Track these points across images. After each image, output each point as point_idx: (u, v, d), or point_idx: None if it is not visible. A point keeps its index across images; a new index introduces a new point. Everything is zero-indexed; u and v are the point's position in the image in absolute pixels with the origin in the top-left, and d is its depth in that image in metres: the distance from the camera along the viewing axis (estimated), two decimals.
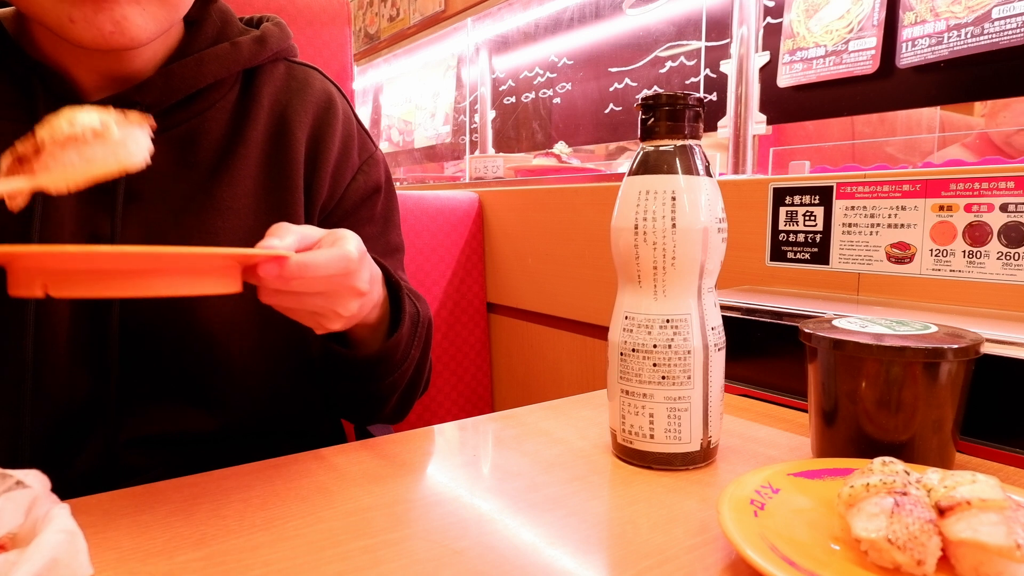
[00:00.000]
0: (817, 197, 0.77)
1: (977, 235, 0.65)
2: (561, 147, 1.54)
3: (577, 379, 1.19)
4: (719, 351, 0.47)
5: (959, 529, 0.30)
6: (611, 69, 1.35)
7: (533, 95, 1.58)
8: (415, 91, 2.08)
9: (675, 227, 0.45)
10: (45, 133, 0.37)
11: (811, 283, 0.78)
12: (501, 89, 1.68)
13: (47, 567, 0.27)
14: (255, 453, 0.60)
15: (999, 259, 0.64)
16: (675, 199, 0.45)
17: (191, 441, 0.57)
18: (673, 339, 0.46)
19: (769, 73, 1.00)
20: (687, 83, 1.17)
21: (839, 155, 1.17)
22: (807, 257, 0.78)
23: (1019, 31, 0.73)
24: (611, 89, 1.35)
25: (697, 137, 0.47)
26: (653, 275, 0.46)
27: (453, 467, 0.49)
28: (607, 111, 1.37)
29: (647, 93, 0.47)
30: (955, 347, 0.42)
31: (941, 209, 0.67)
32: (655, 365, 0.46)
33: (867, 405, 0.44)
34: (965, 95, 0.82)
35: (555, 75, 1.50)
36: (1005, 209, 0.63)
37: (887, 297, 0.72)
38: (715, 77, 1.11)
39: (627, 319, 0.47)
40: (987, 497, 0.31)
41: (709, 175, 0.47)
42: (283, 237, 0.41)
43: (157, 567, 0.35)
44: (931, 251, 0.68)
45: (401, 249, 0.71)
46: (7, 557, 0.27)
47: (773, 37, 1.00)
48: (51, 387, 0.52)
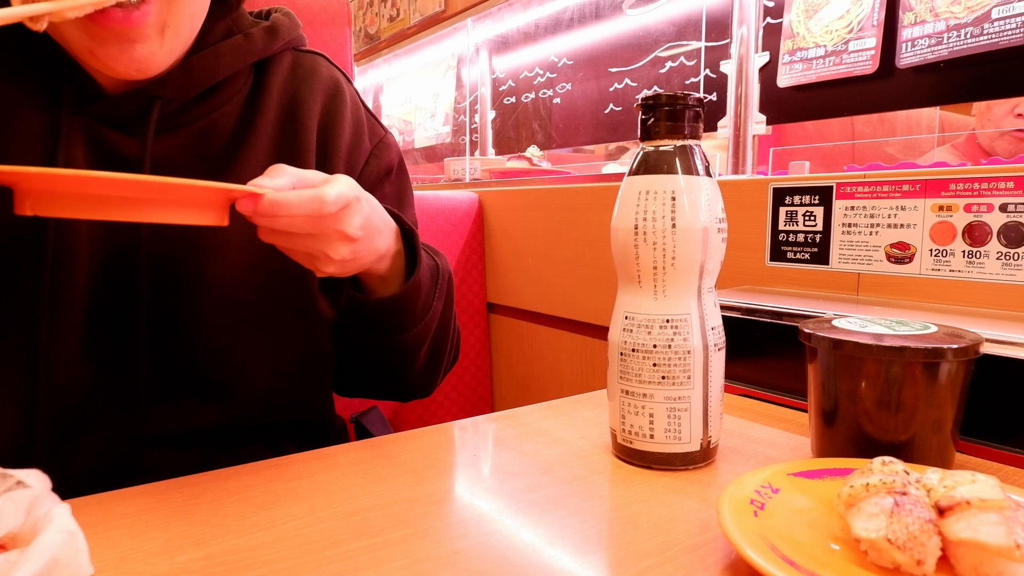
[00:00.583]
0: (817, 197, 0.77)
1: (977, 235, 0.65)
2: (533, 151, 1.61)
3: (577, 379, 1.19)
4: (719, 351, 0.47)
5: (959, 529, 0.30)
6: (611, 69, 1.35)
7: (533, 95, 1.58)
8: (415, 91, 2.08)
9: (675, 227, 0.45)
10: None
11: (811, 283, 0.78)
12: (501, 89, 1.68)
13: (47, 567, 0.27)
14: (257, 448, 0.61)
15: (999, 259, 0.64)
16: (675, 199, 0.45)
17: (194, 435, 0.57)
18: (673, 339, 0.46)
19: (769, 73, 1.00)
20: (687, 83, 1.17)
21: (839, 155, 1.17)
22: (807, 257, 0.78)
23: (1019, 31, 0.73)
24: (611, 89, 1.35)
25: (697, 137, 0.47)
26: (653, 275, 0.46)
27: (453, 467, 0.49)
28: (607, 111, 1.37)
29: (647, 93, 0.47)
30: (955, 347, 0.42)
31: (941, 209, 0.67)
32: (655, 365, 0.46)
33: (867, 405, 0.44)
34: (965, 95, 0.82)
35: (555, 75, 1.50)
36: (1005, 209, 0.63)
37: (887, 297, 0.72)
38: (715, 77, 1.11)
39: (627, 319, 0.47)
40: (987, 497, 0.31)
41: (709, 175, 0.47)
42: (275, 177, 0.45)
43: (157, 567, 0.35)
44: (931, 251, 0.68)
45: (416, 226, 0.73)
46: (7, 557, 0.27)
47: (773, 37, 1.00)
48: (63, 379, 0.52)
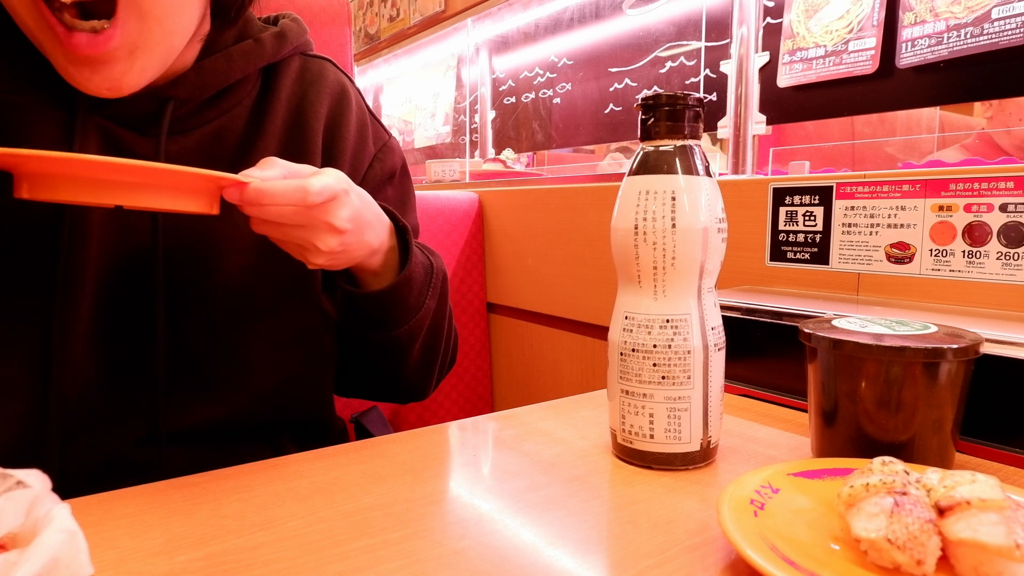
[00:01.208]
0: (817, 197, 0.77)
1: (977, 235, 0.65)
2: (507, 153, 1.66)
3: (577, 379, 1.19)
4: (719, 351, 0.47)
5: (959, 529, 0.30)
6: (611, 69, 1.35)
7: (533, 95, 1.58)
8: (415, 91, 2.08)
9: (675, 227, 0.45)
10: None
11: (811, 283, 0.78)
12: (501, 89, 1.68)
13: (47, 567, 0.27)
14: (258, 448, 0.61)
15: (999, 259, 0.64)
16: (675, 199, 0.45)
17: (199, 432, 0.58)
18: (673, 339, 0.46)
19: (769, 73, 1.00)
20: (687, 83, 1.17)
21: (839, 155, 1.17)
22: (807, 257, 0.78)
23: (1019, 31, 0.73)
24: (611, 89, 1.35)
25: (697, 137, 0.47)
26: (653, 275, 0.46)
27: (453, 467, 0.49)
28: (607, 111, 1.37)
29: (647, 93, 0.47)
30: (955, 347, 0.42)
31: (941, 209, 0.67)
32: (655, 365, 0.46)
33: (867, 405, 0.44)
34: (965, 95, 0.82)
35: (555, 75, 1.50)
36: (1005, 209, 0.63)
37: (887, 297, 0.72)
38: (715, 77, 1.11)
39: (627, 319, 0.47)
40: (987, 497, 0.31)
41: (709, 175, 0.47)
42: (265, 168, 0.46)
43: (157, 567, 0.35)
44: (931, 251, 0.68)
45: (417, 230, 0.73)
46: (7, 557, 0.27)
47: (773, 37, 1.00)
48: (74, 376, 0.53)
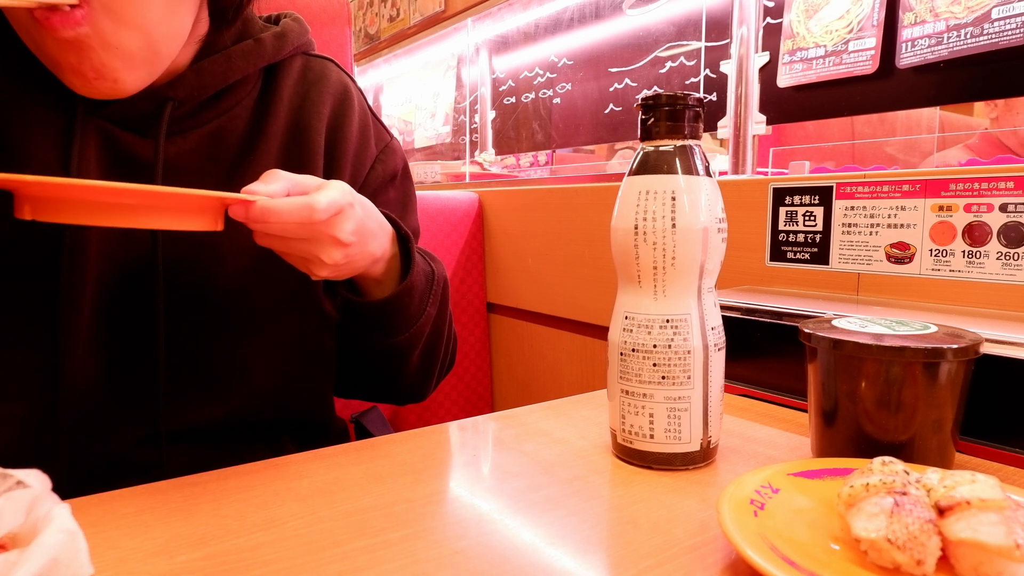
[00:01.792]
0: (817, 197, 0.77)
1: (977, 235, 0.65)
2: (485, 156, 1.69)
3: (577, 379, 1.19)
4: (719, 351, 0.47)
5: (959, 529, 0.30)
6: (611, 69, 1.35)
7: (533, 95, 1.58)
8: (415, 91, 2.08)
9: (675, 227, 0.45)
10: None
11: (811, 283, 0.78)
12: (501, 89, 1.68)
13: (47, 567, 0.27)
14: (258, 448, 0.61)
15: (999, 259, 0.64)
16: (675, 199, 0.45)
17: (200, 432, 0.58)
18: (673, 339, 0.46)
19: (769, 73, 1.00)
20: (687, 83, 1.17)
21: (839, 155, 1.17)
22: (807, 257, 0.78)
23: (1019, 31, 0.73)
24: (611, 89, 1.35)
25: (697, 137, 0.47)
26: (653, 275, 0.46)
27: (453, 467, 0.49)
28: (607, 111, 1.37)
29: (647, 93, 0.47)
30: (955, 347, 0.42)
31: (941, 209, 0.67)
32: (655, 365, 0.46)
33: (867, 405, 0.44)
34: (965, 95, 0.82)
35: (555, 75, 1.50)
36: (1005, 209, 0.63)
37: (887, 297, 0.72)
38: (715, 77, 1.11)
39: (627, 319, 0.47)
40: (987, 497, 0.31)
41: (709, 175, 0.47)
42: (269, 183, 0.46)
43: (157, 567, 0.35)
44: (931, 251, 0.68)
45: (417, 233, 0.73)
46: (7, 557, 0.27)
47: (773, 37, 1.00)
48: (78, 376, 0.53)
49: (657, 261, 0.46)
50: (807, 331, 0.47)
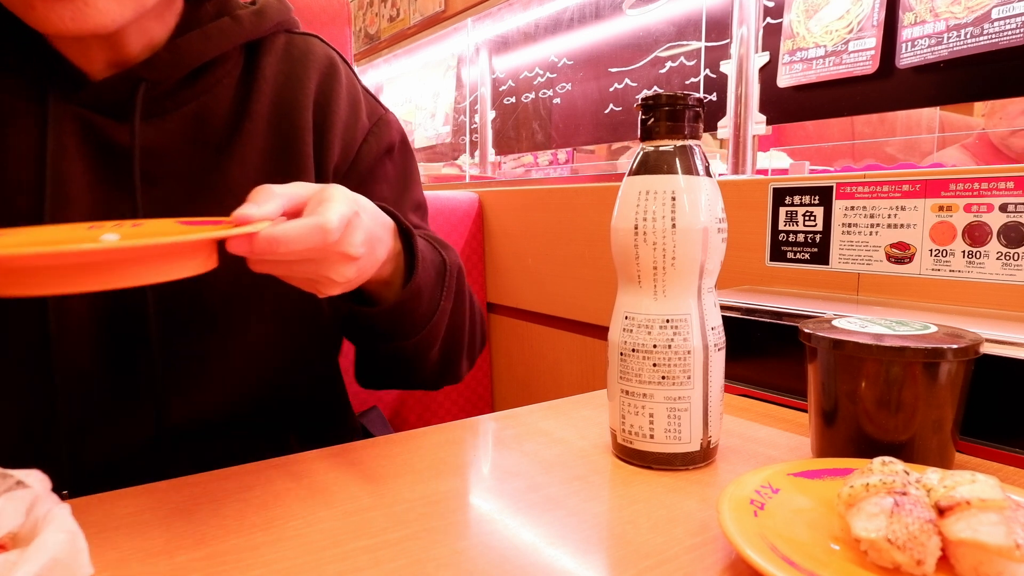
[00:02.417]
0: (817, 197, 0.77)
1: (977, 235, 0.65)
2: (463, 159, 1.71)
3: (577, 379, 1.19)
4: (719, 351, 0.47)
5: (959, 529, 0.30)
6: (611, 69, 1.35)
7: (533, 95, 1.57)
8: (415, 91, 2.08)
9: (675, 227, 0.45)
10: None
11: (811, 283, 0.78)
12: (501, 89, 1.68)
13: (48, 567, 0.27)
14: (260, 446, 0.60)
15: (999, 259, 0.64)
16: (675, 199, 0.45)
17: (204, 424, 0.57)
18: (673, 339, 0.46)
19: (769, 73, 1.00)
20: (687, 83, 1.17)
21: (839, 155, 1.17)
22: (807, 257, 0.78)
23: (1019, 31, 0.73)
24: (611, 89, 1.35)
25: (697, 137, 0.47)
26: (653, 275, 0.46)
27: (453, 467, 0.49)
28: (607, 111, 1.37)
29: (647, 93, 0.47)
30: (955, 347, 0.42)
31: (941, 209, 0.67)
32: (655, 365, 0.46)
33: (867, 405, 0.44)
34: (965, 95, 0.82)
35: (555, 75, 1.50)
36: (1004, 209, 0.63)
37: (887, 297, 0.72)
38: (715, 77, 1.11)
39: (627, 319, 0.47)
40: (987, 497, 0.31)
41: (709, 175, 0.47)
42: (262, 203, 0.39)
43: (157, 567, 0.35)
44: (931, 251, 0.68)
45: (423, 206, 0.69)
46: (7, 557, 0.27)
47: (773, 37, 1.00)
48: (75, 373, 0.53)
49: (657, 261, 0.46)
50: (807, 331, 0.47)
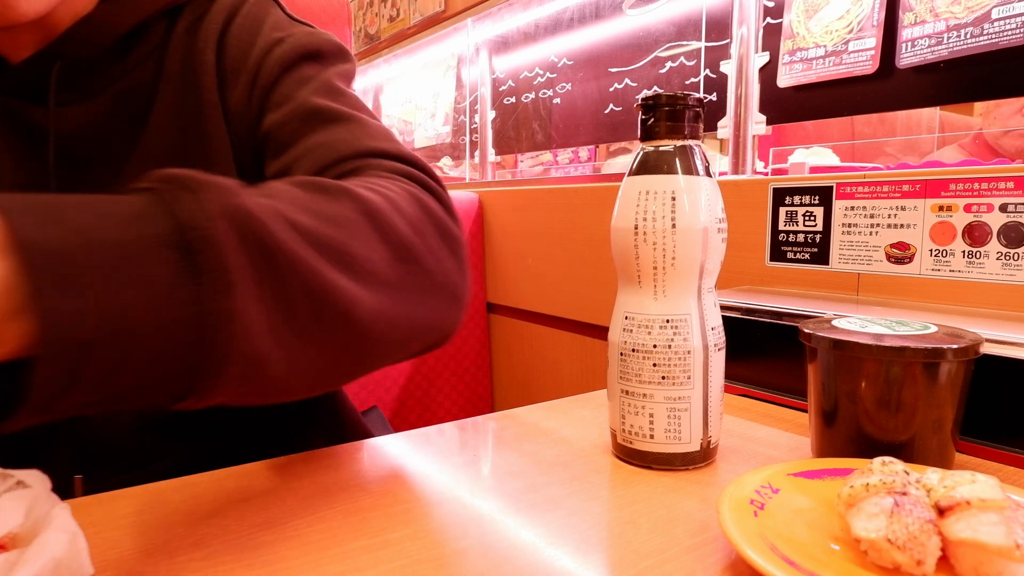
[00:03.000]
0: (817, 197, 0.77)
1: (977, 235, 0.65)
2: (444, 161, 1.70)
3: (577, 379, 1.19)
4: (719, 351, 0.47)
5: (959, 529, 0.30)
6: (611, 69, 1.35)
7: (533, 95, 1.57)
8: (415, 91, 2.08)
9: (675, 227, 0.45)
10: None
11: (811, 283, 0.78)
12: (501, 89, 1.68)
13: (48, 567, 0.27)
14: (260, 447, 0.60)
15: (999, 259, 0.64)
16: (675, 199, 0.45)
17: (188, 420, 0.56)
18: (673, 339, 0.46)
19: (769, 73, 1.00)
20: (687, 83, 1.17)
21: (838, 155, 1.16)
22: (807, 257, 0.78)
23: (1019, 31, 0.73)
24: (611, 89, 1.35)
25: (697, 137, 0.47)
26: (653, 275, 0.46)
27: (453, 467, 0.49)
28: (607, 111, 1.37)
29: (647, 93, 0.47)
30: (955, 347, 0.42)
31: (941, 209, 0.67)
32: (655, 365, 0.46)
33: (867, 405, 0.44)
34: (965, 95, 0.82)
35: (555, 75, 1.50)
36: (1004, 209, 0.63)
37: (887, 297, 0.72)
38: (715, 77, 1.11)
39: (627, 319, 0.47)
40: (987, 497, 0.31)
41: (709, 175, 0.47)
42: None
43: (157, 567, 0.35)
44: (931, 251, 0.68)
45: (351, 118, 0.51)
46: (7, 557, 0.27)
47: (773, 37, 1.00)
48: None
49: (657, 261, 0.46)
50: (807, 331, 0.47)
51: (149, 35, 0.53)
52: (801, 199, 0.78)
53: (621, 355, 0.48)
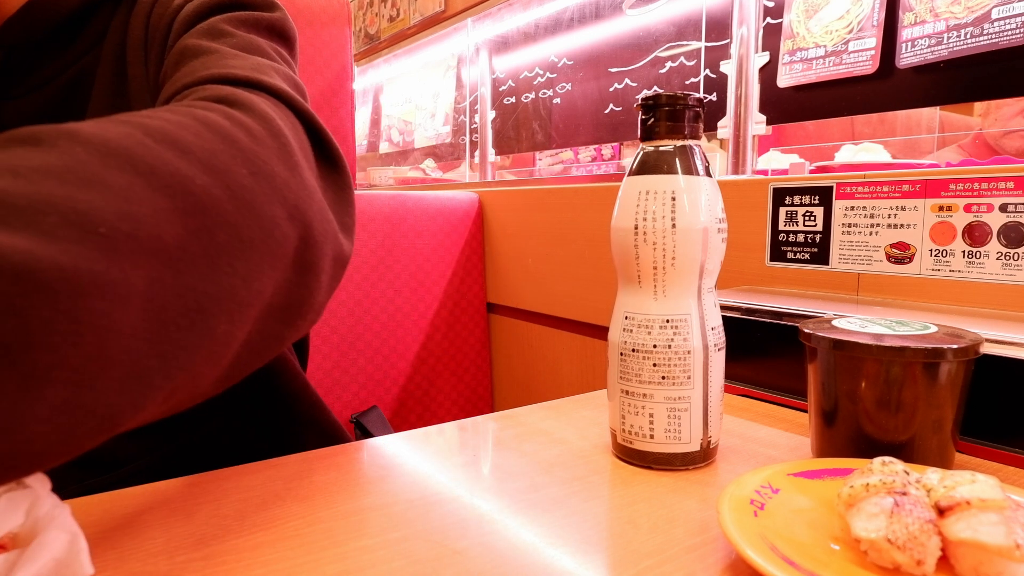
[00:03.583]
0: (817, 197, 0.77)
1: (977, 235, 0.65)
2: (427, 163, 1.69)
3: (577, 379, 1.19)
4: (719, 351, 0.47)
5: (959, 529, 0.30)
6: (611, 69, 1.35)
7: (533, 95, 1.57)
8: (415, 91, 2.08)
9: (675, 227, 0.45)
10: None
11: (811, 283, 0.78)
12: (501, 89, 1.68)
13: (48, 567, 0.27)
14: (257, 448, 0.60)
15: (999, 259, 0.64)
16: (675, 199, 0.45)
17: (178, 421, 0.55)
18: (673, 339, 0.46)
19: (769, 73, 1.00)
20: (687, 83, 1.17)
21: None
22: (807, 257, 0.78)
23: (1019, 31, 0.73)
24: (611, 89, 1.35)
25: (697, 137, 0.47)
26: (653, 275, 0.46)
27: (453, 467, 0.49)
28: (607, 111, 1.37)
29: (647, 93, 0.47)
30: (955, 347, 0.42)
31: (941, 209, 0.67)
32: (655, 365, 0.46)
33: (867, 405, 0.44)
34: (965, 95, 0.82)
35: (555, 75, 1.50)
36: (1005, 209, 0.63)
37: (887, 297, 0.72)
38: (715, 77, 1.11)
39: (627, 319, 0.47)
40: (987, 497, 0.31)
41: (709, 175, 0.47)
42: None
43: (157, 567, 0.35)
44: (931, 251, 0.68)
45: (211, 51, 0.43)
46: (7, 557, 0.27)
47: (773, 37, 1.00)
48: None
49: (657, 261, 0.46)
50: (807, 331, 0.47)
51: (94, 21, 0.51)
52: (801, 199, 0.78)
53: (621, 355, 0.48)
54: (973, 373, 0.44)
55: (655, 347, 0.46)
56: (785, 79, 0.97)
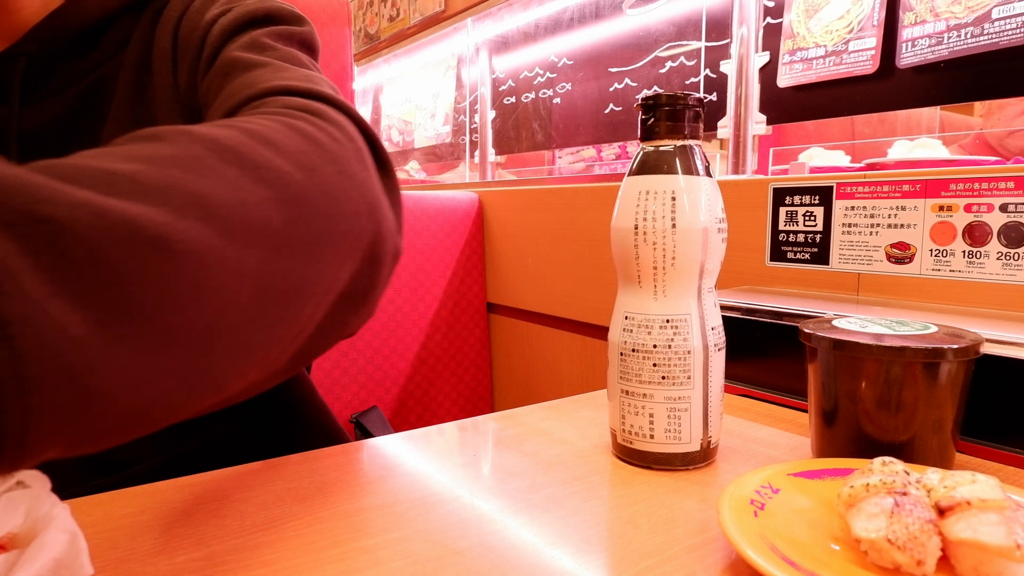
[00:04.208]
0: (817, 197, 0.77)
1: (977, 235, 0.65)
2: (411, 165, 1.72)
3: (577, 379, 1.19)
4: (719, 351, 0.47)
5: (959, 529, 0.30)
6: (611, 69, 1.35)
7: (533, 95, 1.57)
8: (415, 91, 2.08)
9: (675, 227, 0.45)
10: None
11: (811, 283, 0.78)
12: (501, 89, 1.68)
13: (48, 568, 0.27)
14: (257, 449, 0.60)
15: (999, 259, 0.64)
16: (675, 199, 0.45)
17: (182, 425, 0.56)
18: (673, 339, 0.46)
19: (769, 73, 1.00)
20: (687, 83, 1.17)
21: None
22: (807, 257, 0.78)
23: (1019, 31, 0.73)
24: (611, 89, 1.35)
25: (697, 137, 0.47)
26: (653, 275, 0.46)
27: (453, 467, 0.49)
28: (607, 111, 1.37)
29: (647, 93, 0.47)
30: (955, 347, 0.42)
31: (941, 209, 0.67)
32: (655, 365, 0.46)
33: (867, 405, 0.44)
34: (965, 95, 0.82)
35: (555, 75, 1.50)
36: (1005, 209, 0.63)
37: (887, 297, 0.72)
38: (715, 77, 1.11)
39: (627, 319, 0.47)
40: (987, 497, 0.31)
41: (709, 175, 0.47)
42: None
43: (157, 567, 0.35)
44: (931, 251, 0.68)
45: (264, 64, 0.46)
46: (7, 557, 0.27)
47: (773, 37, 1.00)
48: None
49: (657, 261, 0.46)
50: (807, 331, 0.47)
51: (114, 30, 0.52)
52: (801, 199, 0.78)
53: (621, 355, 0.48)
54: (973, 373, 0.44)
55: (655, 347, 0.46)
56: (785, 79, 0.97)
